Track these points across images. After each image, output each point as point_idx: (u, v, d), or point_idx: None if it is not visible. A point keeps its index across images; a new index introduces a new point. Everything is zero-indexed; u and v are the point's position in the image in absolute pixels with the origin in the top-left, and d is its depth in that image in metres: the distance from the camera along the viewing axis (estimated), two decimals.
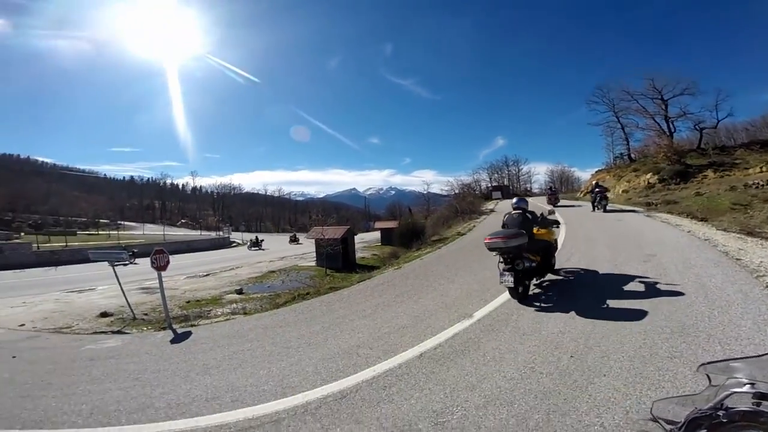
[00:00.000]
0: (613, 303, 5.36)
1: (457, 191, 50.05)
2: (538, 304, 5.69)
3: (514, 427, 2.77)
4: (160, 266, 7.37)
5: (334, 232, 21.48)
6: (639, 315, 4.76)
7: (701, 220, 13.35)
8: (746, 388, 1.09)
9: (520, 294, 5.83)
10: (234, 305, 9.08)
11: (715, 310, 4.70)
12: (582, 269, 7.50)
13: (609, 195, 19.03)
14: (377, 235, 35.56)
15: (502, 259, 5.94)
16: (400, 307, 6.54)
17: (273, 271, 18.08)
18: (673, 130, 38.78)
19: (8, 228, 53.38)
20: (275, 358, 4.80)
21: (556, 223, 7.55)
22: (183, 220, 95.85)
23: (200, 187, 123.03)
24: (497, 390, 3.33)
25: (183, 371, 4.64)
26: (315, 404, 3.43)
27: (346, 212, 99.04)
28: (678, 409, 1.20)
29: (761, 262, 6.92)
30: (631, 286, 6.08)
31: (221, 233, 55.84)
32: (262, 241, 39.79)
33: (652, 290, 5.78)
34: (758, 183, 23.49)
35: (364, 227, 56.35)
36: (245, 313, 7.79)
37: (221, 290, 12.80)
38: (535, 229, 6.57)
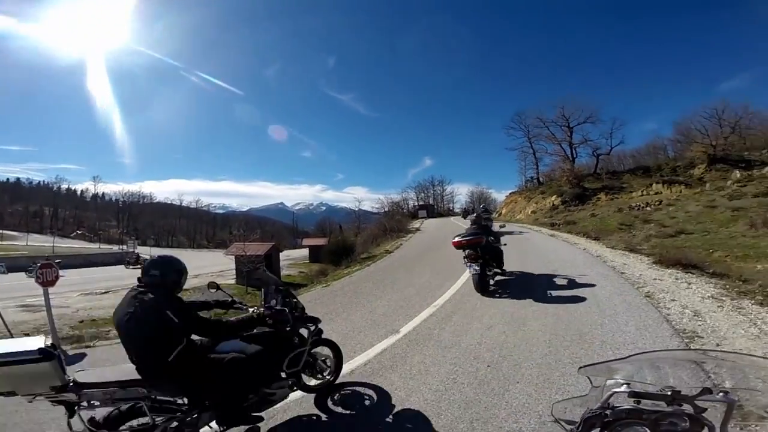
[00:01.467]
0: (524, 312, 5.87)
1: (386, 209, 51.07)
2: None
3: None
4: (47, 281, 6.45)
5: (257, 248, 20.68)
6: (545, 325, 5.28)
7: (594, 239, 15.23)
8: (623, 388, 1.19)
9: (484, 283, 7.21)
10: None
11: (606, 318, 5.38)
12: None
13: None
14: (305, 252, 34.84)
15: (468, 255, 7.36)
16: (329, 324, 6.40)
17: (186, 290, 16.69)
18: (575, 156, 43.95)
19: None
20: None
21: (502, 234, 9.37)
22: (79, 231, 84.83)
23: (102, 194, 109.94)
24: (425, 402, 3.44)
25: None
26: None
27: (271, 227, 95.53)
28: (574, 409, 1.29)
29: (640, 275, 8.09)
30: (539, 297, 6.70)
31: (125, 247, 50.41)
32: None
33: (555, 301, 6.45)
34: (639, 205, 27.54)
35: (291, 244, 54.75)
36: None
37: None
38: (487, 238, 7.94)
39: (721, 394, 1.10)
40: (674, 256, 9.14)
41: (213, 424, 2.78)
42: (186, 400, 2.69)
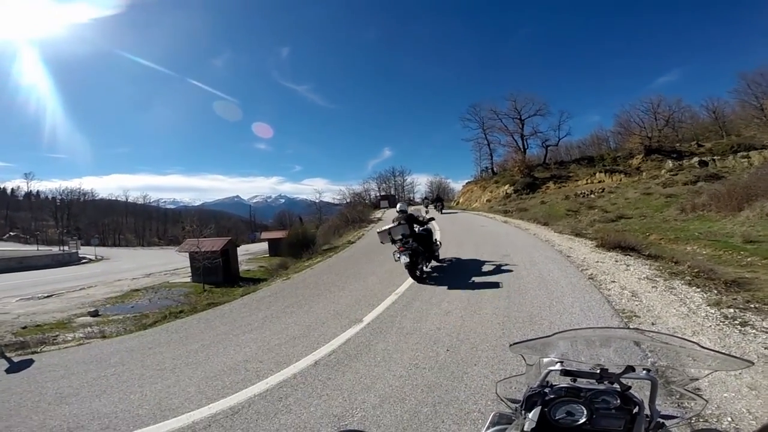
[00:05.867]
0: (479, 296, 6.20)
1: (348, 200, 50.98)
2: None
3: (408, 422, 3.03)
4: None
5: (212, 244, 19.86)
6: (498, 308, 5.62)
7: (544, 225, 16.10)
8: (558, 366, 1.23)
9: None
10: (88, 329, 7.84)
11: (553, 300, 5.80)
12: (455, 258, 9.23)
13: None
14: (265, 246, 34.08)
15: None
16: (291, 317, 6.48)
17: (137, 290, 16.02)
18: (526, 147, 45.99)
19: None
20: (148, 381, 4.34)
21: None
22: (11, 233, 77.51)
23: (37, 192, 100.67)
24: (390, 389, 3.58)
25: (31, 402, 3.94)
26: (203, 423, 3.24)
27: (227, 222, 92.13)
28: (517, 387, 1.33)
29: (584, 258, 8.73)
30: (492, 280, 7.09)
31: (66, 248, 46.79)
32: None
33: (507, 284, 6.85)
34: (584, 193, 29.32)
35: (250, 238, 53.26)
36: (104, 337, 6.80)
37: (69, 313, 10.93)
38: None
39: (644, 372, 1.14)
40: (614, 240, 9.89)
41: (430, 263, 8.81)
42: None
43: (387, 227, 8.44)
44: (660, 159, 33.84)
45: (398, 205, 9.31)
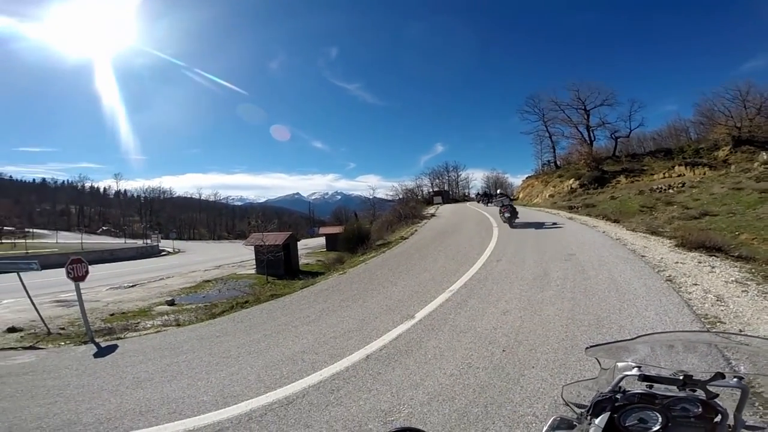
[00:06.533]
0: (541, 297, 5.85)
1: (401, 196, 50.94)
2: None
3: (457, 421, 2.94)
4: (78, 276, 6.79)
5: (275, 238, 20.86)
6: (561, 310, 5.26)
7: (614, 222, 14.88)
8: (634, 371, 1.14)
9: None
10: (165, 317, 8.56)
11: (624, 303, 5.31)
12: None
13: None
14: (322, 241, 35.18)
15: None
16: (345, 311, 6.59)
17: (208, 281, 17.23)
18: (593, 139, 42.53)
19: None
20: (213, 368, 4.62)
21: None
22: (104, 227, 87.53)
23: (125, 190, 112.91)
24: (439, 387, 3.50)
25: (111, 385, 4.35)
26: (260, 412, 3.37)
27: (288, 217, 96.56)
28: (584, 392, 1.26)
29: (662, 258, 7.92)
30: (553, 291, 6.66)
31: (149, 241, 51.83)
32: None
33: (572, 286, 6.38)
34: (661, 187, 26.75)
35: (308, 233, 55.30)
36: (178, 325, 7.39)
37: (150, 302, 11.99)
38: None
39: (735, 379, 1.04)
40: (697, 239, 8.87)
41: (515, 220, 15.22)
42: None
43: (499, 198, 16.46)
44: (752, 151, 30.06)
45: (498, 190, 17.96)
